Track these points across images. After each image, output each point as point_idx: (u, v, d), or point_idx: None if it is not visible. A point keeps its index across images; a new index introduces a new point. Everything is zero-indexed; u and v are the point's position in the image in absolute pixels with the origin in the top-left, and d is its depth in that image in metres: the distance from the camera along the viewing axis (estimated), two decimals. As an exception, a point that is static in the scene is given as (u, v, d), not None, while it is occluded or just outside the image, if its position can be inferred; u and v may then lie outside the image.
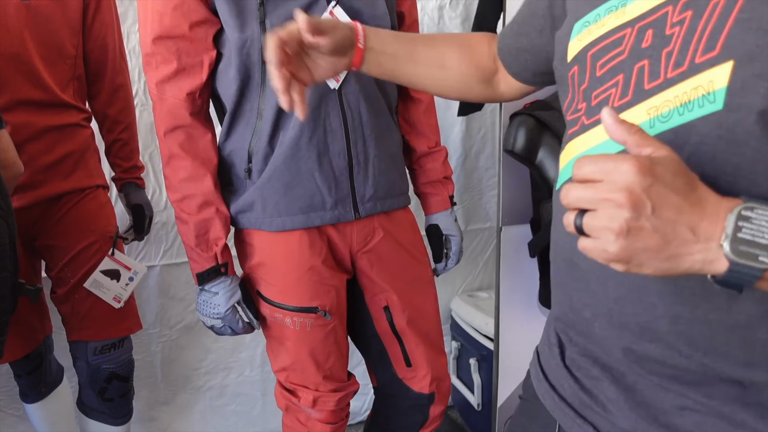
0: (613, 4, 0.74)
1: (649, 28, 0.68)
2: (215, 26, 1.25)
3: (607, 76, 0.72)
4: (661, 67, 0.66)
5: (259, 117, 1.29)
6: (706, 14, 0.63)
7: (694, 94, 0.63)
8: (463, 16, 2.15)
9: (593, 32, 0.75)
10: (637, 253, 0.56)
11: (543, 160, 1.82)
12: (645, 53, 0.68)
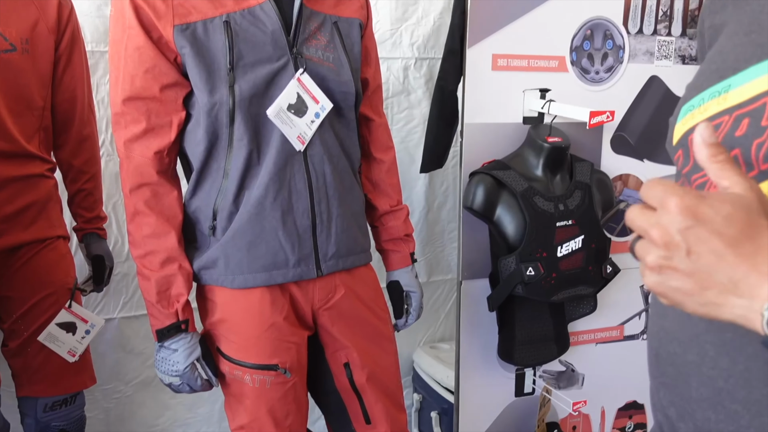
0: (716, 90, 0.73)
1: (746, 117, 0.67)
2: (185, 89, 1.28)
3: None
4: (752, 158, 0.64)
5: (225, 176, 1.31)
6: None
7: None
8: (426, 76, 2.23)
9: (696, 117, 0.74)
10: (672, 291, 0.54)
11: (500, 217, 1.88)
12: (737, 142, 0.66)
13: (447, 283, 2.54)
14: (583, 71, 2.03)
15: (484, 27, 1.89)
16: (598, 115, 1.77)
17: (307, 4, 1.34)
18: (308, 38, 1.33)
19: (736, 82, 0.70)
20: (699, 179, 0.72)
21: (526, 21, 1.93)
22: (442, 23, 2.18)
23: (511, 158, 1.93)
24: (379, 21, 2.14)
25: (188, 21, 1.24)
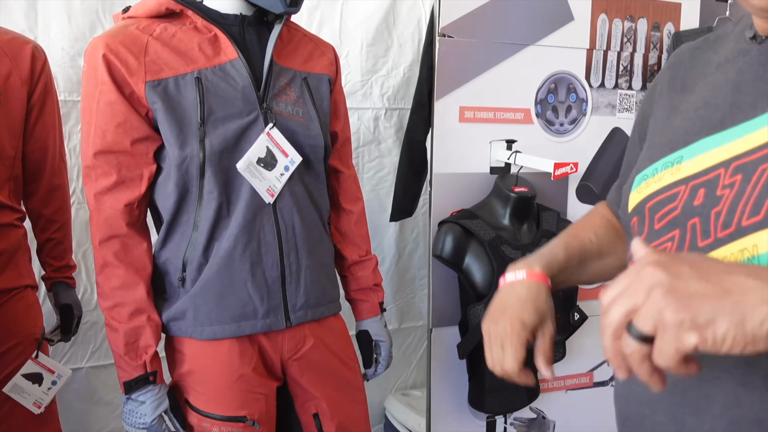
0: (669, 161, 0.78)
1: (702, 187, 0.71)
2: (156, 142, 1.30)
3: (664, 230, 0.75)
4: (711, 227, 0.68)
5: (195, 228, 1.33)
6: (754, 179, 0.65)
7: (740, 256, 0.64)
8: (397, 126, 2.28)
9: (651, 186, 0.79)
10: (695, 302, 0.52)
11: (469, 266, 1.91)
12: (696, 210, 0.70)
13: (418, 330, 2.55)
14: (548, 123, 2.09)
15: (451, 80, 1.95)
16: (562, 166, 1.83)
17: (277, 61, 1.38)
18: (278, 94, 1.37)
19: (688, 154, 0.75)
20: (659, 247, 0.75)
21: (492, 75, 2.00)
22: (411, 75, 2.24)
23: (479, 207, 1.97)
24: (351, 72, 2.20)
25: (160, 77, 1.27)
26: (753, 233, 0.63)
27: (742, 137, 0.68)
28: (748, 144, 0.67)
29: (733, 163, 0.68)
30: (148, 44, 1.28)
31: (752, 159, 0.66)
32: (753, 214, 0.63)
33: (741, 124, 0.69)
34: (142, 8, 1.33)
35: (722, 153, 0.70)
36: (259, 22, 1.38)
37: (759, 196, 0.63)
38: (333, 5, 2.14)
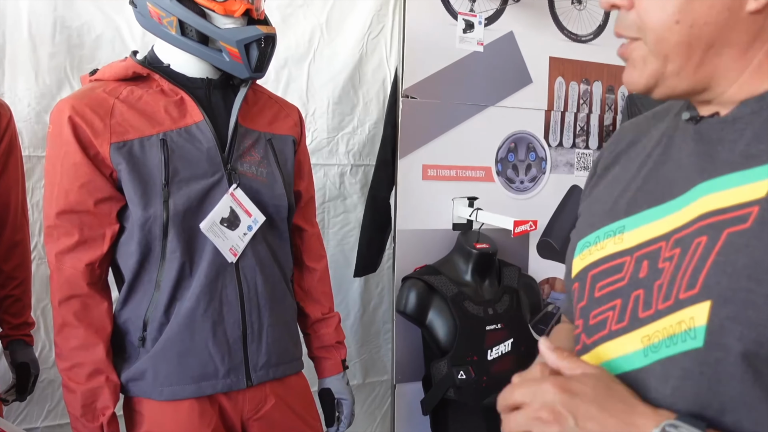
0: (611, 230, 0.80)
1: (645, 259, 0.73)
2: (120, 203, 1.31)
3: (605, 299, 0.76)
4: (653, 298, 0.70)
5: (157, 288, 1.33)
6: (690, 253, 0.67)
7: (678, 329, 0.66)
8: (362, 182, 2.31)
9: (594, 253, 0.81)
10: None
11: (432, 322, 1.93)
12: (641, 283, 0.72)
13: (383, 385, 2.54)
14: (508, 181, 2.15)
15: (414, 139, 2.01)
16: (522, 224, 1.87)
17: (242, 123, 1.41)
18: (243, 155, 1.39)
19: (630, 225, 0.77)
20: (599, 316, 0.77)
21: (454, 134, 2.06)
22: (377, 132, 2.29)
23: (441, 263, 2.01)
24: (317, 130, 2.24)
25: (125, 139, 1.29)
26: (690, 306, 0.65)
27: (679, 210, 0.71)
28: (684, 217, 0.70)
29: (672, 236, 0.71)
30: (114, 106, 1.30)
31: (689, 232, 0.69)
32: (689, 287, 0.66)
33: (678, 197, 0.72)
34: (110, 71, 1.35)
35: (663, 226, 0.73)
36: (225, 86, 1.42)
37: (695, 269, 0.66)
38: (300, 65, 2.19)
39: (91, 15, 1.91)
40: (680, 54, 0.70)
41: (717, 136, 0.71)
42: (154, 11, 1.31)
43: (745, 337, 0.61)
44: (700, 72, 0.70)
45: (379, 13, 2.26)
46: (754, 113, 0.69)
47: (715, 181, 0.68)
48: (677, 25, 0.68)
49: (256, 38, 1.30)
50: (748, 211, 0.64)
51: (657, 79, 0.72)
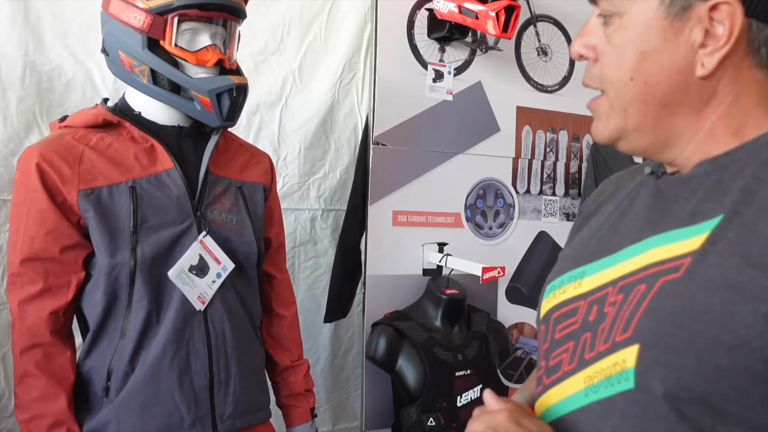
0: (573, 274, 0.83)
1: (596, 303, 0.77)
2: (86, 250, 1.30)
3: (562, 341, 0.80)
4: (597, 341, 0.73)
5: (123, 336, 1.31)
6: (630, 298, 0.71)
7: (613, 370, 0.69)
8: (333, 227, 2.32)
9: (557, 297, 0.84)
10: None
11: (402, 368, 1.93)
12: (590, 326, 0.76)
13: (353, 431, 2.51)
14: (477, 227, 2.17)
15: (384, 185, 2.03)
16: (490, 270, 1.89)
17: (213, 170, 1.41)
18: (213, 202, 1.40)
19: (589, 271, 0.81)
20: (557, 357, 0.80)
21: (424, 181, 2.09)
22: (348, 177, 2.31)
23: (411, 309, 2.01)
24: (288, 175, 2.25)
25: (94, 186, 1.28)
26: (623, 349, 0.69)
27: (629, 259, 0.75)
28: (632, 266, 0.74)
29: (619, 283, 0.74)
30: (83, 153, 1.30)
31: (633, 280, 0.72)
32: (624, 331, 0.69)
33: (629, 246, 0.76)
34: (79, 118, 1.35)
35: (613, 272, 0.76)
36: (196, 133, 1.42)
37: (630, 314, 0.70)
38: (272, 110, 2.21)
39: (63, 59, 1.91)
40: (637, 110, 0.74)
41: (673, 193, 0.75)
42: (127, 60, 1.32)
43: (668, 380, 0.64)
44: (658, 129, 0.74)
45: (351, 61, 2.30)
46: (707, 174, 0.72)
47: (664, 236, 0.72)
48: (632, 82, 0.73)
49: (228, 88, 1.32)
50: (682, 262, 0.68)
51: (620, 133, 0.77)
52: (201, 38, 1.33)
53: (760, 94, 0.72)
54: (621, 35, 0.73)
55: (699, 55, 0.70)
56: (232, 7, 1.34)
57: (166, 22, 1.28)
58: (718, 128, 0.72)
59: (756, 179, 0.67)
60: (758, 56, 0.70)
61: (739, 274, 0.63)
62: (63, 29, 1.91)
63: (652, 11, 0.70)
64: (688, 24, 0.69)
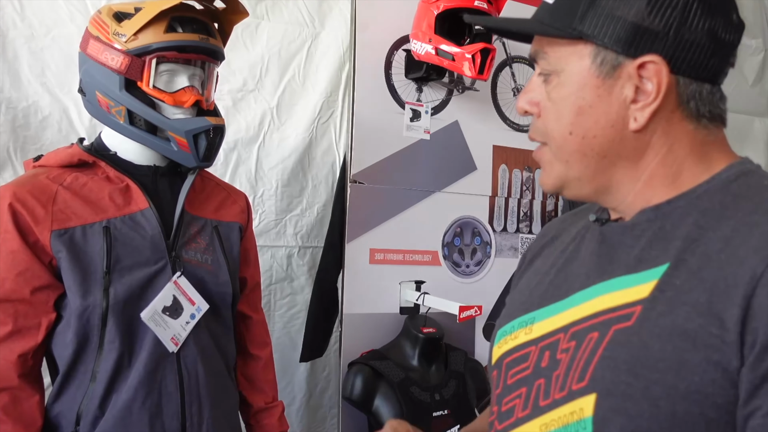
0: (524, 320, 0.85)
1: (547, 349, 0.78)
2: (58, 291, 1.28)
3: (515, 387, 0.81)
4: (551, 388, 0.74)
5: (93, 379, 1.29)
6: (583, 346, 0.72)
7: (571, 418, 0.70)
8: (310, 264, 2.31)
9: (508, 342, 0.86)
10: None
11: (379, 408, 1.91)
12: (543, 372, 0.77)
13: (329, 472, 2.47)
14: (454, 265, 2.18)
15: (362, 223, 2.03)
16: (467, 309, 1.89)
17: (188, 210, 1.41)
18: (188, 242, 1.39)
19: (539, 317, 0.82)
20: (509, 403, 0.81)
21: (401, 219, 2.09)
22: (325, 214, 2.31)
23: (388, 348, 2.00)
24: (265, 212, 2.24)
25: (67, 226, 1.27)
26: (580, 398, 0.70)
27: (578, 305, 0.77)
28: (582, 312, 0.76)
29: (570, 329, 0.76)
30: (57, 193, 1.28)
31: (584, 327, 0.74)
32: (580, 380, 0.71)
33: (578, 292, 0.78)
34: (54, 158, 1.34)
35: (564, 318, 0.78)
36: (172, 173, 1.42)
37: (585, 363, 0.71)
38: (249, 148, 2.21)
39: (39, 96, 1.90)
40: (578, 161, 0.78)
41: (618, 239, 0.78)
42: (103, 100, 1.32)
43: (625, 428, 0.66)
44: (599, 179, 0.78)
45: (329, 100, 2.32)
46: (650, 221, 0.76)
47: (611, 282, 0.75)
48: (571, 136, 0.77)
49: (205, 129, 1.32)
50: (633, 310, 0.70)
51: (563, 182, 0.81)
52: (179, 79, 1.33)
53: (692, 144, 0.75)
54: (559, 92, 0.77)
55: (631, 110, 0.74)
56: (211, 50, 1.36)
57: (144, 64, 1.28)
58: (656, 177, 0.76)
59: (698, 227, 0.71)
60: (688, 109, 0.74)
61: (690, 322, 0.65)
62: (40, 66, 1.91)
63: (586, 70, 0.74)
64: (619, 81, 0.73)
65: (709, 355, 0.63)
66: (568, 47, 0.76)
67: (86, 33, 1.35)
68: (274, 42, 2.25)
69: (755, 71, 3.55)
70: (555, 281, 0.85)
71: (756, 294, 0.62)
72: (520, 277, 0.97)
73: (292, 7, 2.28)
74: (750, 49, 3.52)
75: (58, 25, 1.92)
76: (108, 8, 1.34)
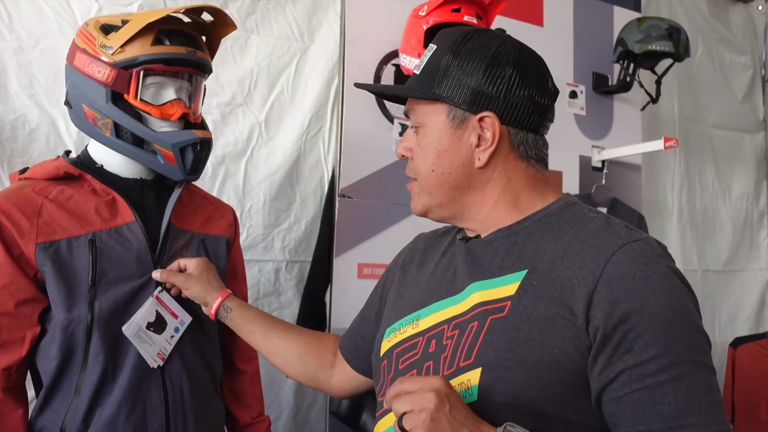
0: (410, 319, 1.05)
1: (433, 338, 0.98)
2: (42, 304, 1.27)
3: (406, 370, 1.00)
4: (441, 367, 0.94)
5: (77, 393, 1.27)
6: (467, 333, 0.94)
7: (459, 388, 0.90)
8: (297, 278, 2.30)
9: (398, 336, 1.05)
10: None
11: (366, 423, 1.89)
12: (431, 356, 0.97)
13: (316, 488, 2.44)
14: (442, 279, 2.18)
15: (350, 238, 2.03)
16: (455, 324, 1.89)
17: (175, 223, 1.40)
18: (174, 255, 1.38)
19: (424, 314, 1.03)
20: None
21: (390, 233, 2.09)
22: (313, 228, 2.31)
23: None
24: (252, 226, 2.24)
25: (52, 239, 1.26)
26: (467, 372, 0.91)
27: (457, 304, 0.98)
28: (461, 308, 0.97)
29: (452, 321, 0.97)
30: (42, 206, 1.28)
31: (465, 318, 0.95)
32: (467, 358, 0.92)
33: (458, 294, 0.99)
34: (40, 170, 1.34)
35: (445, 314, 0.99)
36: (158, 186, 1.41)
37: (470, 345, 0.92)
38: (237, 162, 2.21)
39: (27, 108, 1.90)
40: (438, 192, 1.01)
41: (480, 251, 1.01)
42: (90, 113, 1.31)
43: (506, 392, 0.88)
44: (455, 205, 1.02)
45: (318, 114, 2.33)
46: (504, 237, 0.99)
47: (482, 283, 0.97)
48: (433, 173, 1.00)
49: (192, 142, 1.32)
50: (504, 304, 0.92)
51: (428, 208, 1.04)
52: (166, 92, 1.33)
53: (526, 179, 1.00)
54: (425, 139, 1.01)
55: (476, 152, 0.98)
56: (198, 63, 1.36)
57: (130, 77, 1.28)
58: (500, 203, 1.00)
59: (541, 242, 0.95)
60: (519, 152, 0.99)
61: (549, 312, 0.89)
62: (28, 78, 1.90)
63: (443, 123, 0.99)
64: (467, 131, 0.98)
65: (564, 334, 0.87)
66: (430, 106, 1.00)
67: (73, 45, 1.34)
68: (263, 56, 2.26)
69: (744, 88, 3.59)
70: (435, 286, 1.06)
71: (597, 290, 0.86)
72: (399, 284, 1.17)
73: (281, 21, 2.29)
74: (739, 66, 3.56)
75: (47, 38, 1.93)
76: (95, 21, 1.33)
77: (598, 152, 2.70)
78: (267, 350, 1.33)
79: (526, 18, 2.51)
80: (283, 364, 1.33)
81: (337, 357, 1.32)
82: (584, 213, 0.98)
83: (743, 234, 3.52)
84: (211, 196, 1.61)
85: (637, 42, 2.58)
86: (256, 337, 1.34)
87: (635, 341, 0.84)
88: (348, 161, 2.03)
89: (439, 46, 1.01)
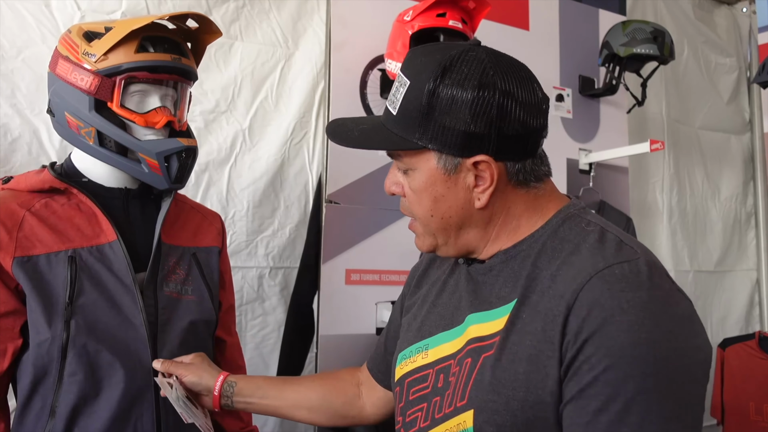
0: (419, 346, 1.04)
1: (441, 372, 0.97)
2: (24, 317, 1.23)
3: (416, 402, 0.99)
4: (444, 404, 0.93)
5: (52, 415, 1.22)
6: (463, 371, 0.92)
7: (458, 428, 0.90)
8: (282, 284, 2.28)
9: (408, 365, 1.04)
10: None
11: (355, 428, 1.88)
12: (439, 391, 0.96)
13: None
14: (430, 284, 2.17)
15: (337, 244, 2.02)
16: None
17: (165, 240, 1.36)
18: (167, 275, 1.34)
19: (432, 344, 1.01)
20: (412, 415, 0.99)
21: (378, 239, 2.08)
22: (297, 235, 2.29)
23: (364, 370, 1.98)
24: (236, 233, 2.22)
25: (30, 254, 1.22)
26: (463, 413, 0.90)
27: (458, 337, 0.97)
28: (462, 342, 0.95)
29: (457, 356, 0.95)
30: (24, 219, 1.24)
31: (462, 354, 0.94)
32: (462, 398, 0.91)
33: (459, 325, 0.98)
34: (25, 182, 1.30)
35: (451, 347, 0.97)
36: (144, 195, 1.39)
37: (464, 384, 0.91)
38: (221, 169, 2.19)
39: (9, 118, 1.87)
40: (441, 234, 0.97)
41: (481, 279, 0.99)
42: (73, 121, 1.29)
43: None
44: (459, 243, 0.98)
45: (302, 120, 2.31)
46: (503, 262, 0.96)
47: (479, 314, 0.95)
48: (432, 218, 0.96)
49: (177, 150, 1.30)
50: (494, 341, 0.90)
51: (434, 247, 1.00)
52: (150, 100, 1.31)
53: (526, 203, 0.96)
54: (416, 185, 0.95)
55: (474, 193, 0.93)
56: (183, 70, 1.33)
57: (114, 84, 1.26)
58: (502, 233, 0.97)
59: (534, 267, 0.91)
60: (517, 181, 0.93)
61: (532, 348, 0.85)
62: (10, 88, 1.87)
63: (434, 169, 0.92)
64: (461, 174, 0.92)
65: (548, 373, 0.83)
66: (416, 154, 0.93)
67: (55, 53, 1.32)
68: (247, 62, 2.24)
69: (730, 89, 3.62)
70: (441, 312, 1.04)
71: (568, 321, 0.82)
72: (412, 301, 1.14)
73: (266, 27, 2.28)
74: (725, 68, 3.58)
75: (29, 46, 1.90)
76: (78, 27, 1.31)
77: (585, 155, 2.70)
78: (288, 407, 1.28)
79: (511, 22, 2.51)
80: (310, 414, 1.28)
81: (362, 386, 1.29)
82: (581, 228, 0.93)
83: (733, 234, 3.55)
84: (198, 204, 1.58)
85: (622, 45, 2.59)
86: (271, 399, 1.28)
87: (586, 373, 0.80)
88: (335, 167, 2.02)
89: (413, 82, 0.91)
